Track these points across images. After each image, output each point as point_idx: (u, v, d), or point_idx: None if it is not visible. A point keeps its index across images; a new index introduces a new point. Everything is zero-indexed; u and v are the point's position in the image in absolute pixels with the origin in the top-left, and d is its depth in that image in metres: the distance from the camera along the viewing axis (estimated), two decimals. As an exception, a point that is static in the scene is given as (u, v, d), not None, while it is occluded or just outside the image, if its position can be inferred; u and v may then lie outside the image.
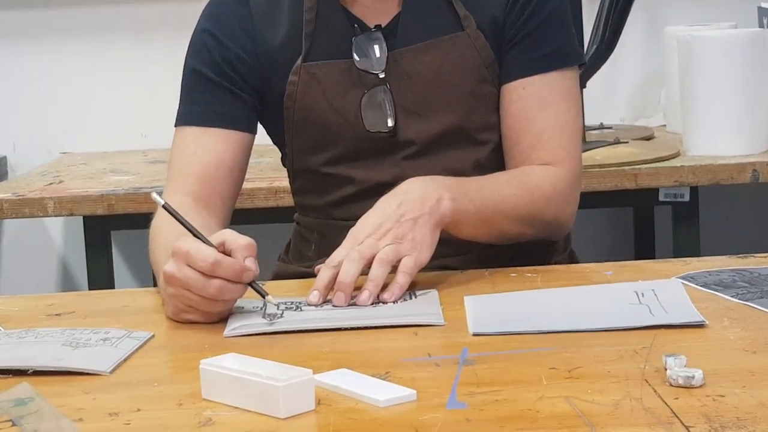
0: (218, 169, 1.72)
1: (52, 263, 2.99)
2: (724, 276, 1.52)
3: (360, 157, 1.74)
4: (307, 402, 1.12)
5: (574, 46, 1.78)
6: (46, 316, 1.53)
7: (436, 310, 1.44)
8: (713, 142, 2.34)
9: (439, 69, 1.72)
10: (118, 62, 2.91)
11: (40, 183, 2.49)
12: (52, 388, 1.23)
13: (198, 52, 1.76)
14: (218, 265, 1.38)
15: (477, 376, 1.20)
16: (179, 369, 1.31)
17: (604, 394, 1.12)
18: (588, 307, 1.41)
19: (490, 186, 1.66)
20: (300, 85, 1.72)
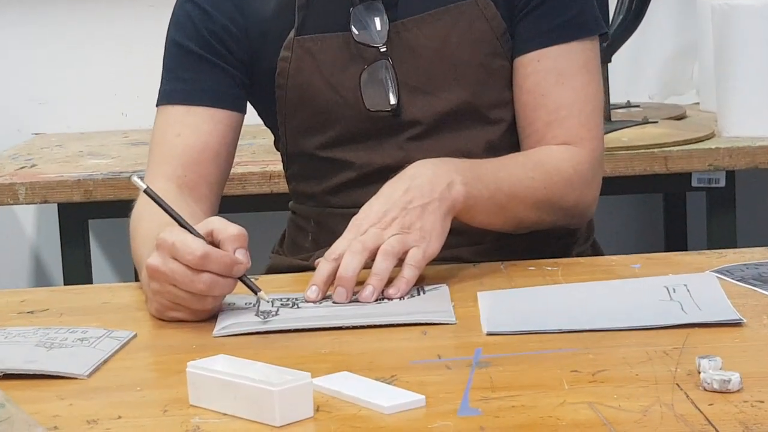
0: (204, 152, 1.71)
1: (23, 255, 3.05)
2: (763, 269, 1.51)
3: (360, 139, 1.73)
4: (305, 408, 1.11)
5: (594, 13, 1.74)
6: (17, 313, 1.52)
7: (447, 308, 1.42)
8: (751, 122, 2.36)
9: (445, 41, 1.70)
10: (96, 34, 2.95)
11: (11, 167, 2.52)
12: (25, 393, 1.22)
13: (181, 24, 1.75)
14: (207, 258, 1.37)
15: (492, 379, 1.19)
16: (164, 372, 1.30)
17: (631, 399, 1.12)
18: (613, 304, 1.40)
19: (505, 169, 1.64)
20: (293, 61, 1.71)
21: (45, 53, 2.97)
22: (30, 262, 3.00)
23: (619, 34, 2.48)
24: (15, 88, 2.99)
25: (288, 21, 1.71)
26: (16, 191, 2.33)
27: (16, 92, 2.98)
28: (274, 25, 1.72)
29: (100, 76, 2.95)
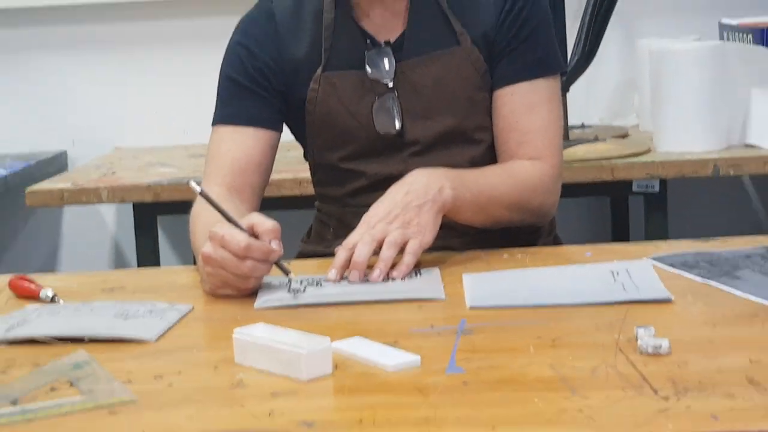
0: (249, 163, 1.71)
1: (105, 245, 2.99)
2: (688, 258, 1.51)
3: (372, 154, 1.73)
4: (326, 367, 1.12)
5: (556, 57, 1.77)
6: (100, 290, 1.53)
7: (438, 287, 1.43)
8: (680, 140, 2.34)
9: (439, 79, 1.70)
10: (162, 69, 2.91)
11: (96, 174, 2.48)
12: (105, 354, 1.23)
13: (232, 62, 1.75)
14: (249, 247, 1.39)
15: (473, 344, 1.20)
16: (215, 337, 1.31)
17: (583, 361, 1.12)
18: (569, 285, 1.41)
19: (485, 177, 1.65)
20: (320, 92, 1.71)
21: (125, 84, 2.93)
22: (110, 250, 2.95)
23: (575, 70, 2.45)
24: (100, 111, 2.94)
25: (316, 60, 1.71)
26: (99, 193, 2.32)
27: (101, 114, 2.94)
28: (305, 63, 1.72)
29: (166, 102, 2.92)
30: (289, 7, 1.75)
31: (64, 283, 1.56)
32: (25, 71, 2.94)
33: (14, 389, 1.12)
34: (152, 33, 2.90)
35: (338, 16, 1.72)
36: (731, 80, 2.34)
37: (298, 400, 1.06)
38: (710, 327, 1.22)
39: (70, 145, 2.95)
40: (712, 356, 1.12)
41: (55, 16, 2.89)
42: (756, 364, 1.08)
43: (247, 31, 1.76)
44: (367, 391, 1.08)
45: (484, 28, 1.70)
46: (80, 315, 1.37)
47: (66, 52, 2.93)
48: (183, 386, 1.13)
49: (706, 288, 1.36)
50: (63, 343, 1.27)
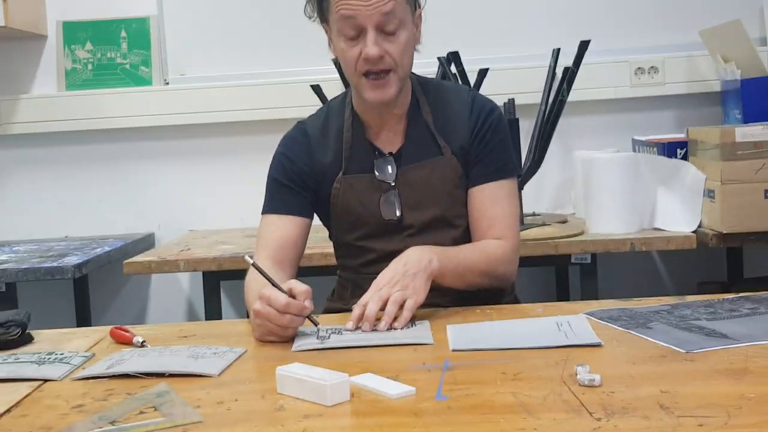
0: (288, 242, 1.70)
1: (181, 303, 2.96)
2: (613, 313, 1.50)
3: (379, 235, 1.71)
4: (345, 395, 1.12)
5: (514, 164, 1.76)
6: (177, 337, 1.52)
7: (428, 334, 1.41)
8: (605, 224, 2.32)
9: (428, 180, 1.70)
10: (225, 172, 2.92)
11: (175, 250, 2.47)
12: (181, 385, 1.23)
13: (277, 167, 1.74)
14: (288, 306, 1.39)
15: (455, 378, 1.19)
16: (262, 373, 1.29)
17: (536, 390, 1.12)
18: (526, 333, 1.39)
19: (462, 252, 1.64)
20: (341, 190, 1.71)
21: (198, 183, 2.92)
22: (185, 307, 2.91)
23: (528, 172, 2.42)
24: (179, 204, 2.93)
25: (338, 166, 1.71)
26: (178, 264, 2.29)
27: (179, 206, 2.92)
28: (330, 168, 1.71)
29: (227, 197, 2.90)
30: (319, 128, 1.75)
31: (150, 332, 1.55)
32: (125, 174, 2.95)
33: (113, 412, 1.12)
34: (218, 146, 2.91)
35: (354, 134, 1.71)
36: (642, 180, 2.34)
37: (324, 420, 1.06)
38: (630, 365, 1.21)
39: (156, 229, 2.95)
40: (633, 387, 1.11)
41: (148, 134, 2.91)
42: (665, 393, 1.08)
43: (288, 145, 1.75)
44: (376, 414, 1.07)
45: (461, 143, 1.70)
46: (162, 356, 1.36)
47: (154, 161, 2.94)
48: (238, 410, 1.12)
49: (626, 335, 1.35)
50: (149, 378, 1.26)
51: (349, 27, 1.59)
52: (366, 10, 1.56)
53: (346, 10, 1.57)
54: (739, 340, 1.28)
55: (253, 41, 2.86)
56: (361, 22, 1.57)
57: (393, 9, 1.57)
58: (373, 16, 1.56)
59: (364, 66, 1.60)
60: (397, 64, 1.61)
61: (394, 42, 1.60)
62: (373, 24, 1.57)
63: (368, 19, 1.57)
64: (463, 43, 2.60)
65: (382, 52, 1.59)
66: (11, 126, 2.90)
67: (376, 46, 1.57)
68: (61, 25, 2.91)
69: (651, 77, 2.77)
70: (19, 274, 2.34)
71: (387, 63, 1.60)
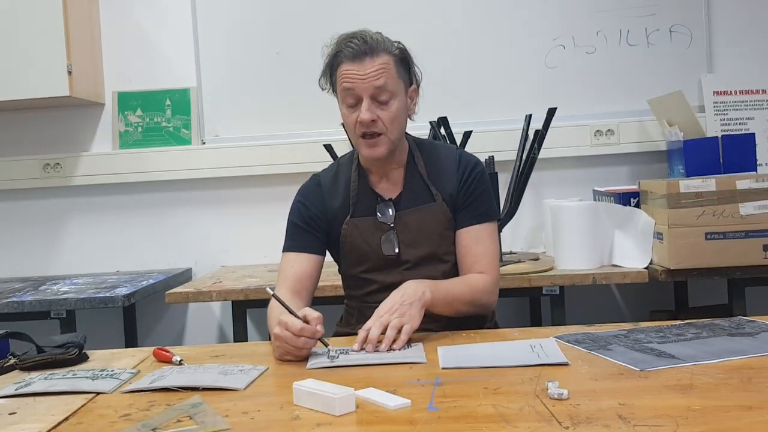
0: (304, 276, 1.69)
1: (213, 327, 2.94)
2: (578, 336, 1.49)
3: (380, 269, 1.71)
4: (351, 406, 1.12)
5: (495, 210, 1.76)
6: (209, 357, 1.51)
7: (422, 354, 1.41)
8: (571, 261, 2.32)
9: (423, 222, 1.70)
10: (251, 217, 2.91)
11: (209, 283, 2.47)
12: (211, 398, 1.22)
13: (294, 212, 1.75)
14: (302, 330, 1.39)
15: (444, 392, 1.19)
16: (281, 387, 1.28)
17: (514, 403, 1.12)
18: (505, 353, 1.39)
19: (452, 285, 1.64)
20: (349, 231, 1.71)
21: (228, 226, 2.91)
22: (216, 330, 2.88)
23: (506, 217, 2.42)
24: (212, 243, 2.92)
25: (346, 210, 1.71)
26: (211, 295, 2.27)
27: (213, 245, 2.92)
28: (339, 212, 1.72)
29: (253, 237, 2.89)
30: (330, 179, 1.76)
31: (187, 352, 1.55)
32: (168, 218, 2.95)
33: (154, 421, 1.12)
34: (245, 195, 2.92)
35: (360, 183, 1.72)
36: (601, 225, 2.34)
37: (333, 428, 1.06)
38: (593, 381, 1.20)
39: (193, 264, 2.94)
40: (595, 400, 1.10)
41: (187, 185, 2.92)
42: (623, 405, 1.07)
43: (304, 194, 1.76)
44: (377, 423, 1.07)
45: (450, 191, 1.70)
46: (196, 372, 1.36)
47: (192, 207, 2.94)
48: (261, 419, 1.11)
49: (590, 356, 1.35)
50: (185, 391, 1.26)
51: (349, 97, 1.63)
52: (362, 83, 1.60)
53: (347, 82, 1.62)
54: (685, 360, 1.27)
55: (274, 108, 2.88)
56: (358, 93, 1.62)
57: (385, 83, 1.61)
58: (368, 88, 1.61)
59: (360, 129, 1.63)
60: (387, 129, 1.64)
61: (385, 110, 1.63)
62: (368, 94, 1.61)
63: (364, 90, 1.61)
64: (451, 109, 2.63)
65: (374, 117, 1.62)
66: (74, 178, 2.91)
67: (368, 112, 1.61)
68: (116, 95, 2.94)
69: (608, 138, 2.79)
70: (78, 302, 2.35)
71: (378, 127, 1.63)
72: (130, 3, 2.93)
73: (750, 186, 2.16)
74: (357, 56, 1.61)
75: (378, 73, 1.61)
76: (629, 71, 2.78)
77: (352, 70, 1.61)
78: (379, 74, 1.61)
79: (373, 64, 1.61)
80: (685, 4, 2.77)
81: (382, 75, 1.61)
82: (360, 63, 1.61)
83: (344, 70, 1.62)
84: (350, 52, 1.61)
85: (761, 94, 2.75)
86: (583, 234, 2.31)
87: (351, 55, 1.61)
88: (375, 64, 1.61)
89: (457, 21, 2.82)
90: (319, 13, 2.80)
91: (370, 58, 1.61)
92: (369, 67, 1.61)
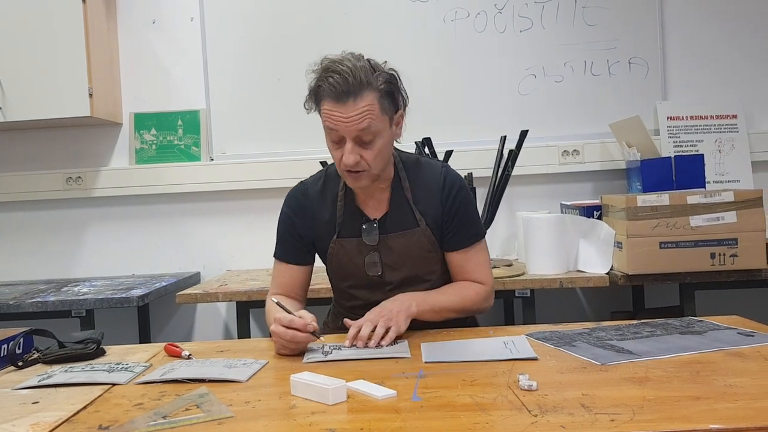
0: (296, 284, 1.66)
1: (219, 326, 2.92)
2: (546, 334, 1.49)
3: (364, 287, 1.65)
4: (343, 396, 1.12)
5: (481, 228, 1.66)
6: (215, 352, 1.50)
7: (407, 350, 1.40)
8: (540, 267, 2.32)
9: (405, 246, 1.61)
10: (252, 226, 2.90)
11: (216, 285, 2.45)
12: (217, 388, 1.22)
13: (283, 222, 1.67)
14: (291, 322, 1.38)
15: (427, 384, 1.19)
16: (280, 379, 1.27)
17: (488, 393, 1.12)
18: (481, 349, 1.38)
19: (441, 295, 1.58)
20: (335, 250, 1.64)
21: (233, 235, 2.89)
22: (222, 328, 2.87)
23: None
24: (219, 250, 2.90)
25: (332, 230, 1.63)
26: (217, 296, 2.26)
27: (219, 252, 2.90)
28: (326, 230, 1.63)
29: (256, 244, 2.86)
30: (318, 190, 1.66)
31: (195, 347, 1.54)
32: (179, 227, 2.94)
33: (164, 409, 1.11)
34: (249, 206, 2.90)
35: (347, 202, 1.63)
36: (568, 235, 2.34)
37: (326, 416, 1.05)
38: (559, 374, 1.20)
39: (201, 269, 2.93)
40: (561, 391, 1.10)
41: (197, 197, 2.91)
42: (586, 396, 1.08)
43: (291, 206, 1.66)
44: (366, 411, 1.06)
45: (434, 215, 1.61)
46: (204, 366, 1.35)
47: (201, 217, 2.93)
48: (261, 408, 1.11)
49: (556, 351, 1.35)
50: (193, 383, 1.25)
51: (332, 135, 1.49)
52: (345, 126, 1.45)
53: (330, 123, 1.47)
54: (641, 356, 1.28)
55: (276, 128, 2.88)
56: (341, 134, 1.48)
57: (368, 126, 1.46)
58: (351, 131, 1.46)
59: (344, 166, 1.51)
60: (370, 167, 1.51)
61: (369, 149, 1.50)
62: (351, 137, 1.47)
63: (347, 133, 1.47)
64: (434, 131, 2.64)
65: (357, 159, 1.49)
66: (94, 191, 2.90)
67: (352, 155, 1.48)
68: (132, 115, 2.93)
69: (574, 158, 2.80)
70: (96, 302, 2.33)
71: (361, 166, 1.51)
72: (146, 32, 2.93)
73: (699, 201, 2.17)
74: (339, 97, 1.44)
75: (361, 116, 1.44)
76: (593, 98, 2.80)
77: (335, 111, 1.45)
78: (362, 117, 1.45)
79: (356, 107, 1.44)
80: (642, 38, 2.80)
81: (365, 118, 1.45)
82: (342, 105, 1.44)
83: (327, 108, 1.46)
84: (332, 91, 1.44)
85: (710, 119, 2.78)
86: (551, 243, 2.31)
87: (333, 93, 1.44)
88: (358, 108, 1.44)
89: (440, 52, 2.83)
90: (316, 44, 2.81)
91: (353, 101, 1.44)
92: (352, 110, 1.44)
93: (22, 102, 2.59)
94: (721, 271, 2.17)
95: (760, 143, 2.77)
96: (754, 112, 2.81)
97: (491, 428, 0.96)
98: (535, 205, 2.82)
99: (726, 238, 2.16)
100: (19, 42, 2.59)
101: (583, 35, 2.81)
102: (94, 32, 2.67)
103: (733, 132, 2.76)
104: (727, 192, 2.16)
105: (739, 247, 2.15)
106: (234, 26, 2.89)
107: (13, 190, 2.92)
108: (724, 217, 2.16)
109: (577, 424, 0.96)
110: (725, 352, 1.29)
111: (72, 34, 2.58)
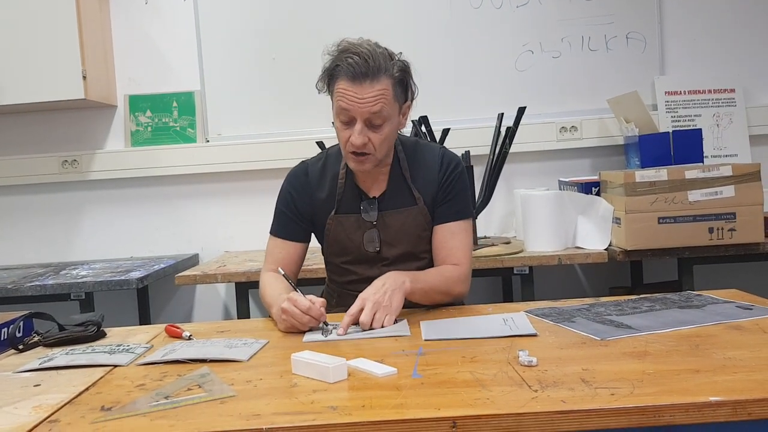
0: (290, 261, 1.67)
1: (218, 306, 2.93)
2: (545, 310, 1.50)
3: (361, 262, 1.66)
4: (343, 374, 1.12)
5: (470, 208, 1.67)
6: (216, 332, 1.51)
7: (406, 328, 1.41)
8: (538, 244, 2.32)
9: (403, 224, 1.64)
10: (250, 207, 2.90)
11: (214, 266, 2.46)
12: (218, 368, 1.22)
13: (282, 199, 1.69)
14: (309, 309, 1.40)
15: (427, 361, 1.19)
16: (281, 358, 1.28)
17: (489, 369, 1.12)
18: (480, 326, 1.39)
19: (429, 276, 1.57)
20: (333, 226, 1.66)
21: (232, 215, 2.90)
22: (222, 309, 2.88)
23: (481, 206, 2.43)
24: (217, 232, 2.90)
25: (331, 205, 1.65)
26: (216, 277, 2.28)
27: (218, 233, 2.90)
28: (324, 206, 1.65)
29: (254, 225, 2.86)
30: (318, 170, 1.68)
31: (196, 328, 1.54)
32: (176, 209, 2.93)
33: (166, 389, 1.12)
34: (245, 188, 2.90)
35: (347, 180, 1.65)
36: (566, 211, 2.34)
37: (327, 394, 1.05)
38: (559, 350, 1.20)
39: (200, 250, 2.93)
40: (561, 367, 1.11)
41: (193, 179, 2.90)
42: (586, 371, 1.08)
43: (292, 183, 1.68)
44: (366, 389, 1.07)
45: (431, 193, 1.63)
46: (205, 346, 1.35)
47: (198, 199, 2.92)
48: (262, 386, 1.11)
49: (556, 327, 1.35)
50: (195, 363, 1.26)
51: (344, 115, 1.51)
52: (358, 107, 1.49)
53: (344, 102, 1.50)
54: (641, 330, 1.28)
55: (271, 109, 2.87)
56: (353, 115, 1.50)
57: (381, 109, 1.50)
58: (364, 113, 1.49)
59: (350, 147, 1.54)
60: (376, 150, 1.54)
61: (377, 133, 1.52)
62: (362, 119, 1.50)
63: (359, 114, 1.50)
64: (431, 109, 2.62)
65: (365, 141, 1.52)
66: (90, 173, 2.89)
67: (361, 136, 1.51)
68: (127, 97, 2.91)
69: (572, 134, 2.79)
70: (95, 285, 2.33)
71: (368, 149, 1.54)
72: (139, 14, 2.91)
73: (697, 176, 2.17)
74: (356, 77, 1.47)
75: (375, 99, 1.48)
76: (590, 74, 2.79)
77: (350, 91, 1.48)
78: (377, 101, 1.48)
79: (372, 89, 1.47)
80: (640, 13, 2.78)
81: (379, 102, 1.48)
82: (359, 85, 1.47)
83: (342, 87, 1.49)
84: (350, 71, 1.47)
85: (707, 93, 2.77)
86: (549, 220, 2.31)
87: (350, 74, 1.47)
88: (374, 90, 1.48)
89: (437, 30, 2.81)
90: (310, 23, 2.79)
91: (369, 82, 1.47)
92: (367, 92, 1.47)
93: (16, 85, 2.58)
94: (719, 245, 2.17)
95: (758, 117, 2.76)
96: (752, 86, 2.79)
97: (492, 404, 0.96)
98: (533, 182, 2.82)
99: (724, 212, 2.16)
100: (11, 25, 2.57)
101: (581, 10, 2.78)
102: (87, 14, 2.65)
103: (731, 106, 2.75)
104: (725, 166, 2.16)
105: (738, 221, 2.16)
106: (228, 6, 2.87)
107: (8, 174, 2.91)
108: (722, 192, 2.16)
109: (578, 399, 0.96)
110: (724, 325, 1.29)
111: (64, 16, 2.56)
